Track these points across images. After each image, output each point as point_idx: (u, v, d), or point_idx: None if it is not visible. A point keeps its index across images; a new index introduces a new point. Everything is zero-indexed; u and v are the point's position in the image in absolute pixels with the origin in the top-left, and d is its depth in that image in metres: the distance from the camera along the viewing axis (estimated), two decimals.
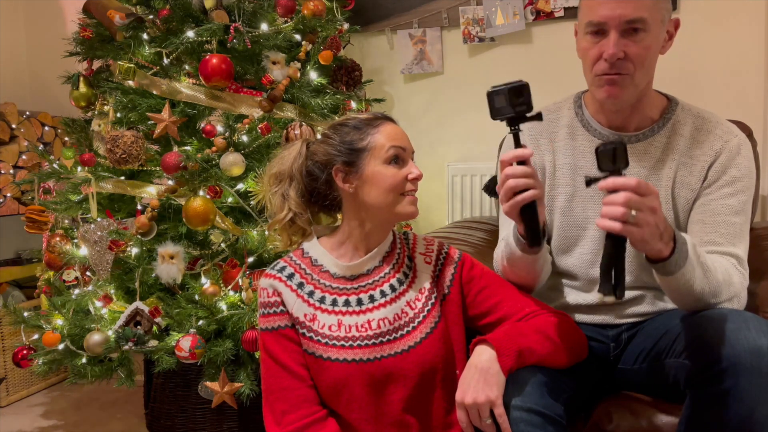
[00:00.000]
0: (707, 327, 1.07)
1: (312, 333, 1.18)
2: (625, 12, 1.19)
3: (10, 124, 2.55)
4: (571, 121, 1.38)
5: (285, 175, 1.24)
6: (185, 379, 1.92)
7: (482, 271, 1.26)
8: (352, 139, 1.19)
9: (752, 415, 0.99)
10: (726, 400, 1.00)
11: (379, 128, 1.19)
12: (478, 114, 2.53)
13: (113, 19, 1.87)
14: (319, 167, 1.22)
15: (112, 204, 2.02)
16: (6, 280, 2.61)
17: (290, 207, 1.22)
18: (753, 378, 0.98)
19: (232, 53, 1.88)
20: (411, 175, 1.18)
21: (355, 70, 2.20)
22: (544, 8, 2.37)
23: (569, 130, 1.38)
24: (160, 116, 1.82)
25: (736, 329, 1.02)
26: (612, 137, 1.33)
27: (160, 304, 1.85)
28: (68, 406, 2.46)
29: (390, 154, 1.17)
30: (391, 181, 1.17)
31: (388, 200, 1.17)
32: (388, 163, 1.17)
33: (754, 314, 1.08)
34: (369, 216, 1.20)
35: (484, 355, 1.09)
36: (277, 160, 1.27)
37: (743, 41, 2.21)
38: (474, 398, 1.06)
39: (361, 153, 1.18)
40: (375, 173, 1.17)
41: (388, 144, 1.17)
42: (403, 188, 1.18)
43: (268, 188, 1.26)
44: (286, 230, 1.25)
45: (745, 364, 0.99)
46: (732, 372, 1.00)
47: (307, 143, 1.26)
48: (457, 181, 2.49)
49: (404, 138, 1.21)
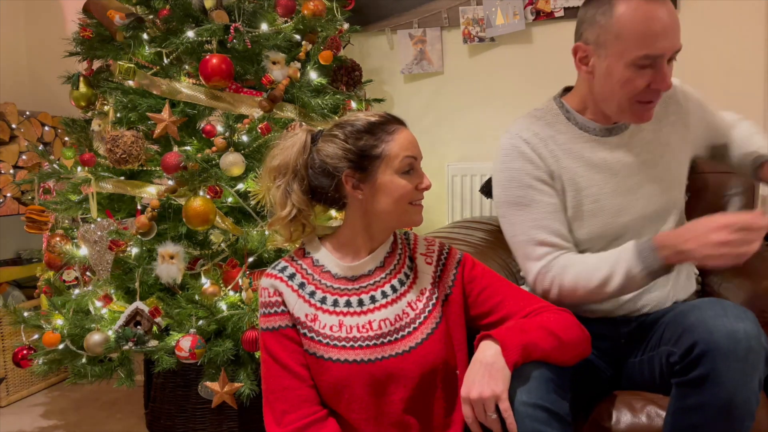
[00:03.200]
0: (688, 314, 1.12)
1: (313, 333, 1.18)
2: (677, 43, 1.24)
3: (10, 124, 2.55)
4: (566, 126, 1.38)
5: (288, 169, 1.19)
6: (185, 379, 1.92)
7: (483, 271, 1.26)
8: (365, 145, 1.15)
9: (732, 398, 1.02)
10: (706, 384, 1.04)
11: (393, 135, 1.16)
12: (478, 114, 2.53)
13: (113, 19, 1.87)
14: (326, 169, 1.17)
15: (112, 204, 2.02)
16: (6, 280, 2.61)
17: (294, 203, 1.19)
18: (730, 362, 1.02)
19: (232, 53, 1.88)
20: (422, 185, 1.18)
21: (355, 70, 2.20)
22: (544, 8, 2.37)
23: (569, 136, 1.37)
24: (160, 116, 1.82)
25: (714, 316, 1.07)
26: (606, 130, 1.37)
27: (160, 304, 1.85)
28: (68, 406, 2.46)
29: (404, 164, 1.16)
30: (403, 191, 1.16)
31: (398, 209, 1.17)
32: (401, 173, 1.16)
33: (733, 303, 1.12)
34: (374, 221, 1.20)
35: (489, 350, 1.09)
36: (278, 151, 1.21)
37: (743, 41, 2.21)
38: (480, 393, 1.05)
39: (374, 160, 1.15)
40: (387, 182, 1.16)
41: (402, 154, 1.16)
42: (413, 198, 1.18)
43: (268, 181, 1.21)
44: (287, 225, 1.22)
45: (722, 348, 1.02)
46: (710, 357, 1.03)
47: (312, 135, 1.21)
48: (457, 181, 2.49)
49: (416, 145, 1.19)
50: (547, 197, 1.32)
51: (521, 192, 1.32)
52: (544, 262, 1.28)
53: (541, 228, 1.30)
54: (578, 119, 1.37)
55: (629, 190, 1.35)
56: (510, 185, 1.33)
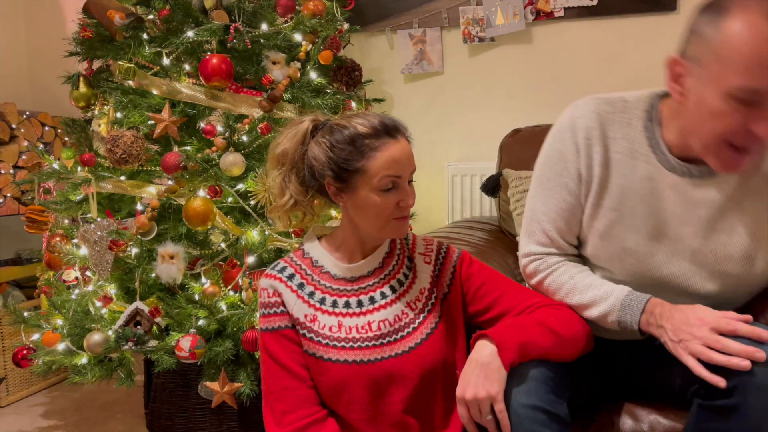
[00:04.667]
0: None
1: (312, 334, 1.18)
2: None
3: (10, 124, 2.55)
4: (637, 134, 1.18)
5: (287, 159, 1.17)
6: (185, 379, 1.92)
7: (481, 268, 1.26)
8: (345, 157, 1.11)
9: (757, 430, 0.99)
10: (733, 414, 1.00)
11: (378, 151, 1.10)
12: (478, 114, 2.53)
13: (113, 19, 1.87)
14: (312, 170, 1.16)
15: (112, 204, 2.02)
16: (6, 280, 2.61)
17: (291, 194, 1.18)
18: (762, 395, 0.98)
19: (232, 53, 1.88)
20: (402, 203, 1.13)
21: (355, 70, 2.20)
22: (544, 8, 2.37)
23: (631, 145, 1.18)
24: (160, 116, 1.82)
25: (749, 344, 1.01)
26: (680, 168, 1.15)
27: (160, 304, 1.85)
28: (68, 406, 2.46)
29: (383, 183, 1.11)
30: (380, 209, 1.12)
31: (377, 224, 1.15)
32: (380, 191, 1.12)
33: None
34: (359, 228, 1.19)
35: (485, 350, 1.08)
36: (282, 138, 1.19)
37: None
38: (474, 393, 1.05)
39: (353, 174, 1.11)
40: (365, 198, 1.12)
41: (382, 173, 1.10)
42: (392, 215, 1.14)
43: (272, 168, 1.20)
44: (286, 213, 1.21)
45: (756, 381, 0.98)
46: (741, 388, 0.99)
47: (315, 125, 1.18)
48: (457, 181, 2.49)
49: (403, 161, 1.12)
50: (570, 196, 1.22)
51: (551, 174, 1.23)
52: (540, 250, 1.26)
53: (553, 221, 1.23)
54: (656, 133, 1.17)
55: (668, 237, 1.18)
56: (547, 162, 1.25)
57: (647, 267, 1.20)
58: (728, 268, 1.17)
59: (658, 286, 1.19)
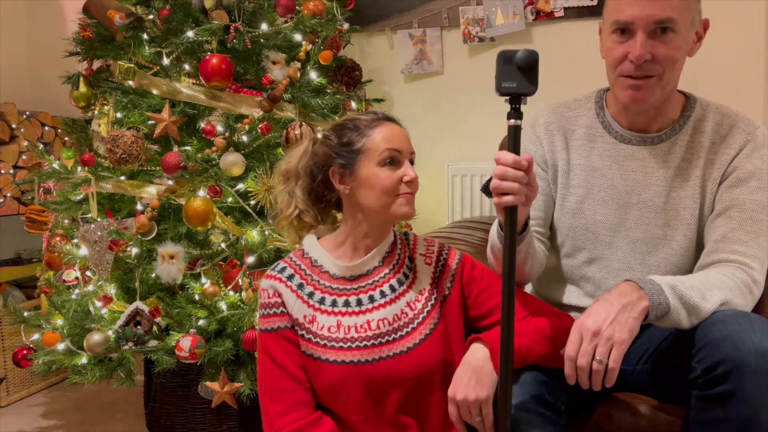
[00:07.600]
0: (712, 329, 1.06)
1: (311, 335, 1.18)
2: (654, 12, 1.16)
3: (10, 124, 2.55)
4: (591, 121, 1.36)
5: (291, 173, 1.26)
6: (185, 379, 1.92)
7: (483, 272, 1.26)
8: (348, 140, 1.18)
9: (756, 416, 0.99)
10: (730, 401, 1.00)
11: (375, 129, 1.18)
12: (478, 114, 2.53)
13: (113, 19, 1.87)
14: (318, 167, 1.23)
15: (112, 204, 2.02)
16: (6, 280, 2.61)
17: (296, 205, 1.24)
18: (758, 380, 0.98)
19: (232, 53, 1.88)
20: (406, 178, 1.17)
21: (355, 70, 2.20)
22: (544, 8, 2.37)
23: (588, 131, 1.36)
24: (160, 116, 1.82)
25: (741, 331, 1.02)
26: (633, 139, 1.31)
27: (160, 304, 1.85)
28: (68, 406, 2.46)
29: (384, 156, 1.16)
30: (385, 183, 1.16)
31: (383, 202, 1.17)
32: (382, 165, 1.16)
33: (760, 316, 1.07)
34: (366, 216, 1.20)
35: (478, 353, 1.10)
36: (285, 158, 1.29)
37: (743, 41, 2.21)
38: (464, 396, 1.08)
39: (356, 154, 1.17)
40: (369, 175, 1.16)
41: (383, 146, 1.16)
42: (397, 190, 1.17)
43: (277, 186, 1.30)
44: (294, 227, 1.26)
45: (750, 366, 0.98)
46: (737, 374, 0.99)
47: (314, 141, 1.26)
48: (457, 181, 2.49)
49: (402, 139, 1.19)
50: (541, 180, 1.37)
51: None
52: None
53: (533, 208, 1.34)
54: (607, 116, 1.34)
55: (621, 206, 1.31)
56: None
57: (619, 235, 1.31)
58: (686, 216, 1.29)
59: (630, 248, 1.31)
